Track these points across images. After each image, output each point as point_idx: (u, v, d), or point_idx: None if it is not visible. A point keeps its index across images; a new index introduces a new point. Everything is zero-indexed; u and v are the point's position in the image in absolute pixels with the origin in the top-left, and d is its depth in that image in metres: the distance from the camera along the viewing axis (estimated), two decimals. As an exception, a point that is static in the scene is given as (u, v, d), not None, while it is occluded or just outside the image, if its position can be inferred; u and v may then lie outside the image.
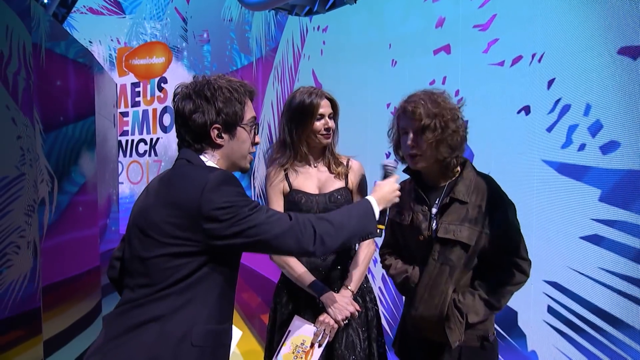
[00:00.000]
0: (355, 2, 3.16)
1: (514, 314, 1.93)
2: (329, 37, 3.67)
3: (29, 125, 1.92)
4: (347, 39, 3.42)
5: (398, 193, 1.18)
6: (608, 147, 1.57)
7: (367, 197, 1.16)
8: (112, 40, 7.95)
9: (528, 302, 1.88)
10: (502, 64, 2.03)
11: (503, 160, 2.04)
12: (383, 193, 1.16)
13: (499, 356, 1.99)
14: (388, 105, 2.92)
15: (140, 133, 7.86)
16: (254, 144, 1.12)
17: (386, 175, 1.24)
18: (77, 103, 2.55)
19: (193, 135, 1.05)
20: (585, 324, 1.69)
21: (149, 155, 7.87)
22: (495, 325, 2.02)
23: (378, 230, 1.17)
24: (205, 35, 6.86)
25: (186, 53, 7.32)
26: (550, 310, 1.79)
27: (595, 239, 1.62)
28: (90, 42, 7.31)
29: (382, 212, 1.16)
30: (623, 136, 1.52)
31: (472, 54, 2.19)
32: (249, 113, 1.11)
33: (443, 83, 2.42)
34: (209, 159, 1.07)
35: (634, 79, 1.48)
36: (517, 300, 1.93)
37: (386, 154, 2.90)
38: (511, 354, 1.94)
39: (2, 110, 1.76)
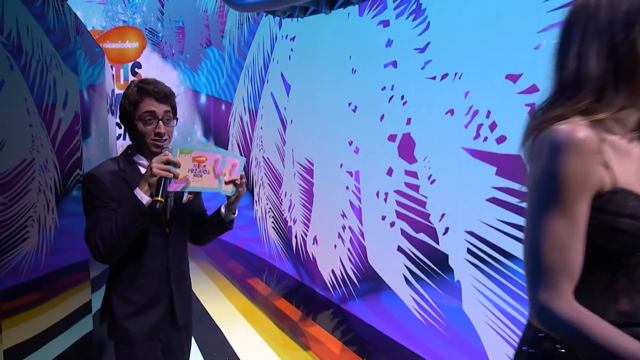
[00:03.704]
0: (330, 12, 3.56)
1: (445, 256, 2.67)
2: (296, 45, 4.20)
3: (37, 115, 2.11)
4: (313, 49, 3.94)
5: (154, 167, 1.28)
6: (500, 139, 2.26)
7: None
8: (83, 21, 7.58)
9: (455, 247, 2.58)
10: (434, 78, 2.71)
11: (436, 148, 2.69)
12: (144, 175, 1.32)
13: (436, 287, 2.75)
14: (349, 104, 3.57)
15: (115, 116, 7.72)
16: (156, 133, 1.38)
17: None
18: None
19: None
20: (490, 258, 2.35)
21: (124, 138, 7.74)
22: (431, 264, 2.77)
23: (158, 204, 1.29)
24: (181, 24, 6.79)
25: (162, 38, 7.14)
26: (469, 251, 2.47)
27: (494, 200, 2.29)
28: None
29: (157, 187, 1.29)
30: (509, 132, 2.28)
31: (413, 69, 2.83)
32: (142, 109, 1.37)
33: (392, 89, 3.11)
34: (134, 148, 1.45)
35: (514, 96, 2.21)
36: (447, 247, 2.69)
37: (349, 143, 3.57)
38: (444, 285, 2.69)
39: (21, 102, 1.97)
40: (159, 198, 1.29)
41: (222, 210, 1.53)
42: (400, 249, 3.07)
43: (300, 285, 4.44)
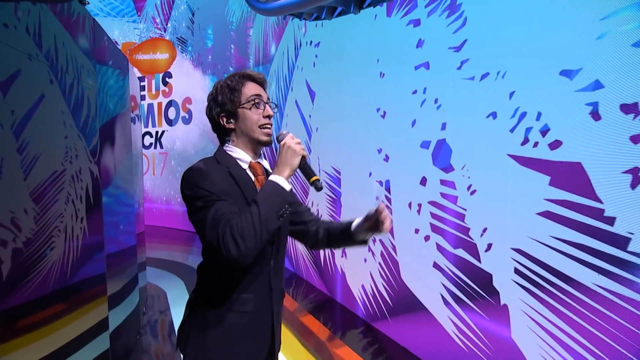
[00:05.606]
0: (359, 12, 3.41)
1: (489, 276, 2.41)
2: (321, 51, 4.06)
3: (73, 127, 2.17)
4: (338, 54, 3.79)
5: (294, 146, 1.20)
6: (554, 145, 2.02)
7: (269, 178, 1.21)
8: (116, 32, 7.85)
9: (500, 266, 2.33)
10: (472, 78, 2.48)
11: (476, 155, 2.46)
12: (280, 161, 1.20)
13: (479, 310, 2.47)
14: (378, 109, 3.36)
15: (146, 126, 7.95)
16: (265, 116, 1.26)
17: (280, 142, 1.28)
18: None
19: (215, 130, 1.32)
20: (543, 280, 2.13)
21: (155, 147, 7.94)
22: (472, 284, 2.50)
23: (320, 182, 1.21)
24: (210, 32, 6.99)
25: (191, 48, 7.35)
26: (517, 271, 2.22)
27: (547, 215, 2.05)
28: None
29: (303, 168, 1.22)
30: (564, 136, 2.00)
31: (448, 70, 2.61)
32: (248, 93, 1.26)
33: (424, 92, 2.87)
34: (230, 144, 1.29)
35: (570, 95, 1.96)
36: (490, 265, 2.42)
37: (378, 150, 3.35)
38: (488, 308, 2.43)
39: (58, 115, 2.02)
40: (317, 177, 1.22)
41: (353, 227, 1.39)
42: (436, 265, 2.81)
43: (328, 300, 4.23)
